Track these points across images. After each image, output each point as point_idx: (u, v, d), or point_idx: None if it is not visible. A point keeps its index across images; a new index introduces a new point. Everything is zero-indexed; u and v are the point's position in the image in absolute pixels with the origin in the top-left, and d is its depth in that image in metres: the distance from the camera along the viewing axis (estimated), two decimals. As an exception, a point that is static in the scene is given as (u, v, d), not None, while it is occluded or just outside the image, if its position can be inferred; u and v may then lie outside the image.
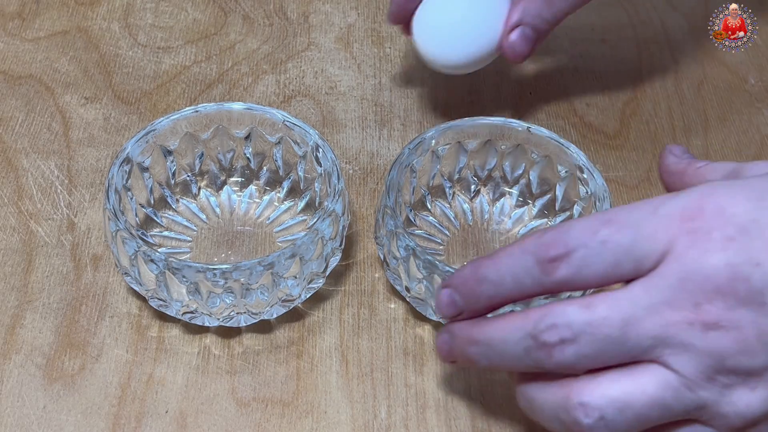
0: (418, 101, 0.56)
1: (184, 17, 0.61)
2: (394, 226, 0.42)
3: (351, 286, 0.46)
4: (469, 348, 0.36)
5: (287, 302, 0.43)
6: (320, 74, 0.58)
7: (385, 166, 0.52)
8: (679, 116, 0.56)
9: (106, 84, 0.56)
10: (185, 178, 0.49)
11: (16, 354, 0.42)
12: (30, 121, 0.54)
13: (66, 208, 0.49)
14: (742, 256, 0.31)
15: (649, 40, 0.61)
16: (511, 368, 0.36)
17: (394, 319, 0.45)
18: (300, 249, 0.41)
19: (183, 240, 0.47)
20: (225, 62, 0.58)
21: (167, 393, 0.41)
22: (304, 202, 0.48)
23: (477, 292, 0.35)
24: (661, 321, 0.32)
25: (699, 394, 0.32)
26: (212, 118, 0.47)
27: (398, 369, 0.43)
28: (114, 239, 0.41)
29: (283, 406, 0.41)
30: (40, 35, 0.59)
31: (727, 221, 0.32)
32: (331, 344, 0.44)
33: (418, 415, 0.41)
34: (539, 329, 0.33)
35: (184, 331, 0.44)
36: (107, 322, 0.44)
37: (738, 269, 0.31)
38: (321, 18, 0.62)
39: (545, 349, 0.33)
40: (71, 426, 0.40)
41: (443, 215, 0.49)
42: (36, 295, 0.45)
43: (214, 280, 0.40)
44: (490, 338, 0.35)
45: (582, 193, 0.45)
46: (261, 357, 0.43)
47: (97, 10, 0.61)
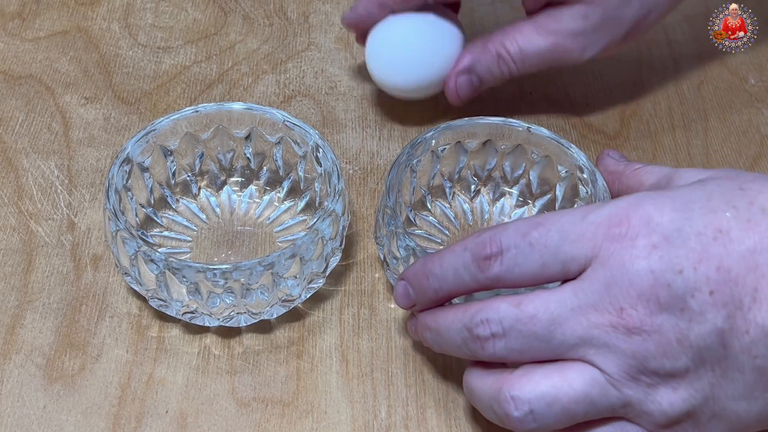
0: (418, 101, 0.56)
1: (184, 17, 0.61)
2: (394, 226, 0.42)
3: (351, 286, 0.46)
4: (424, 333, 0.39)
5: (287, 302, 0.43)
6: (320, 74, 0.58)
7: (385, 166, 0.52)
8: (679, 116, 0.56)
9: (106, 84, 0.56)
10: (185, 178, 0.49)
11: (16, 354, 0.42)
12: (30, 121, 0.54)
13: (66, 208, 0.49)
14: (664, 264, 0.32)
15: (649, 40, 0.61)
16: (456, 355, 0.38)
17: (394, 319, 0.45)
18: (300, 249, 0.41)
19: (183, 240, 0.47)
20: (225, 62, 0.58)
21: (167, 393, 0.41)
22: (304, 202, 0.48)
23: (425, 286, 0.38)
24: (586, 323, 0.33)
25: (624, 392, 0.34)
26: (212, 118, 0.47)
27: (398, 369, 0.43)
28: (114, 239, 0.41)
29: (283, 406, 0.41)
30: (40, 35, 0.59)
31: (652, 230, 0.33)
32: (331, 344, 0.44)
33: (418, 415, 0.41)
34: (474, 323, 0.36)
35: (184, 331, 0.44)
36: (107, 322, 0.44)
37: (660, 276, 0.32)
38: (321, 18, 0.62)
39: (478, 341, 0.35)
40: (71, 426, 0.40)
41: (443, 215, 0.49)
42: (36, 295, 0.45)
43: (214, 280, 0.40)
44: (438, 326, 0.38)
45: (582, 193, 0.45)
46: (261, 357, 0.43)
47: (97, 10, 0.61)
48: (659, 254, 0.33)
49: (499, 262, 0.35)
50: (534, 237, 0.35)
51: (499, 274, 0.35)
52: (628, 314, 0.33)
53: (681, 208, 0.33)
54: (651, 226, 0.33)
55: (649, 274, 0.33)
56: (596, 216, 0.34)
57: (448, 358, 0.43)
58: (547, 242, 0.34)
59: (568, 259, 0.34)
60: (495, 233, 0.36)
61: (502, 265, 0.35)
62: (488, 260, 0.35)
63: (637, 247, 0.33)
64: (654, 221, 0.33)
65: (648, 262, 0.33)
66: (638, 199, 0.34)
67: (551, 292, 0.35)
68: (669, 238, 0.33)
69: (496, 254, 0.35)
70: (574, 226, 0.34)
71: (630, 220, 0.34)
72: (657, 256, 0.33)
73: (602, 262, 0.33)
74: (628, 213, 0.34)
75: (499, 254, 0.35)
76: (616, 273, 0.33)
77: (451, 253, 0.37)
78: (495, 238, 0.35)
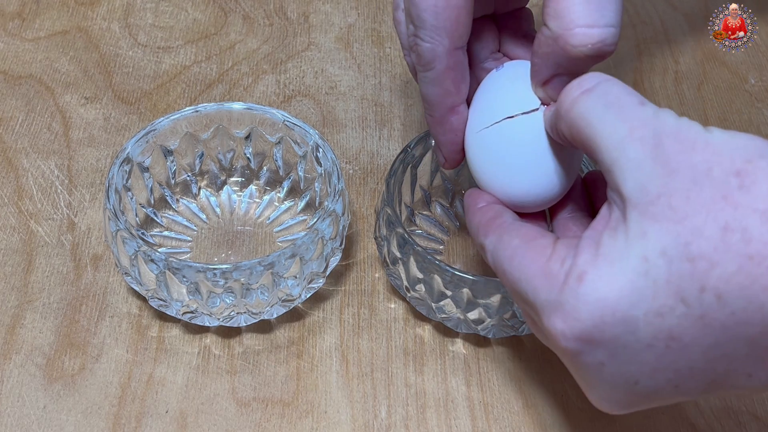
0: (418, 101, 0.56)
1: (184, 17, 0.61)
2: (394, 226, 0.42)
3: (351, 286, 0.46)
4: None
5: (287, 302, 0.43)
6: (320, 74, 0.58)
7: (385, 166, 0.52)
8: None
9: (106, 84, 0.56)
10: (185, 178, 0.49)
11: (16, 354, 0.42)
12: (30, 121, 0.54)
13: (66, 208, 0.49)
14: (618, 378, 0.30)
15: (649, 40, 0.61)
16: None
17: (394, 319, 0.45)
18: (300, 249, 0.41)
19: (183, 240, 0.47)
20: (225, 62, 0.58)
21: (167, 393, 0.41)
22: (304, 202, 0.48)
23: None
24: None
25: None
26: (212, 118, 0.47)
27: (398, 369, 0.43)
28: (114, 239, 0.41)
29: (283, 406, 0.41)
30: (40, 35, 0.59)
31: (597, 345, 0.30)
32: (331, 344, 0.44)
33: (418, 415, 0.41)
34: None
35: (184, 331, 0.44)
36: (107, 322, 0.44)
37: (619, 387, 0.31)
38: (321, 18, 0.62)
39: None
40: (71, 426, 0.40)
41: (443, 215, 0.49)
42: (36, 295, 0.45)
43: (214, 280, 0.40)
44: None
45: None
46: (261, 357, 0.43)
47: (97, 10, 0.61)
48: (609, 371, 0.30)
49: None
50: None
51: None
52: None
53: (623, 320, 0.29)
54: (595, 343, 0.30)
55: (607, 389, 0.31)
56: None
57: (448, 359, 0.43)
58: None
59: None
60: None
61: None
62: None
63: (587, 364, 0.30)
64: (595, 340, 0.29)
65: (599, 378, 0.30)
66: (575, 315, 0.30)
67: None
68: (615, 354, 0.30)
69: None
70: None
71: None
72: (608, 372, 0.30)
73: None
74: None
75: None
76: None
77: None
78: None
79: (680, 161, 0.29)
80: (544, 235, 0.33)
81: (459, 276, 0.40)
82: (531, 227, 0.34)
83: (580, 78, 0.33)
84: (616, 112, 0.30)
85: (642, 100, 0.31)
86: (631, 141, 0.29)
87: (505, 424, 0.41)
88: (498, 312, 0.41)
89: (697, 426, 0.41)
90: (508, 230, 0.34)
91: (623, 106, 0.30)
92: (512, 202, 0.37)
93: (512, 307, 0.41)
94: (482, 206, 0.37)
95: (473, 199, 0.38)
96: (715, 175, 0.28)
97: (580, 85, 0.32)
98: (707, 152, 0.29)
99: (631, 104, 0.30)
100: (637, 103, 0.30)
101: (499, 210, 0.37)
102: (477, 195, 0.38)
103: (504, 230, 0.35)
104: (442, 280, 0.40)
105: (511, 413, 0.41)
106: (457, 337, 0.44)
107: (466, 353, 0.44)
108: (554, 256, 0.31)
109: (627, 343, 0.29)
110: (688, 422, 0.42)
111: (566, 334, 0.30)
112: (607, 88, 0.31)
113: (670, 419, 0.42)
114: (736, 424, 0.42)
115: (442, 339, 0.44)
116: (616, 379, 0.30)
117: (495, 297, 0.40)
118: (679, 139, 0.29)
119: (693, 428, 0.41)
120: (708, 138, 0.29)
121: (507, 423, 0.41)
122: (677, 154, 0.29)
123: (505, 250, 0.34)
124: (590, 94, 0.32)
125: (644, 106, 0.30)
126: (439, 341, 0.44)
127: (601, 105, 0.31)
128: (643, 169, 0.29)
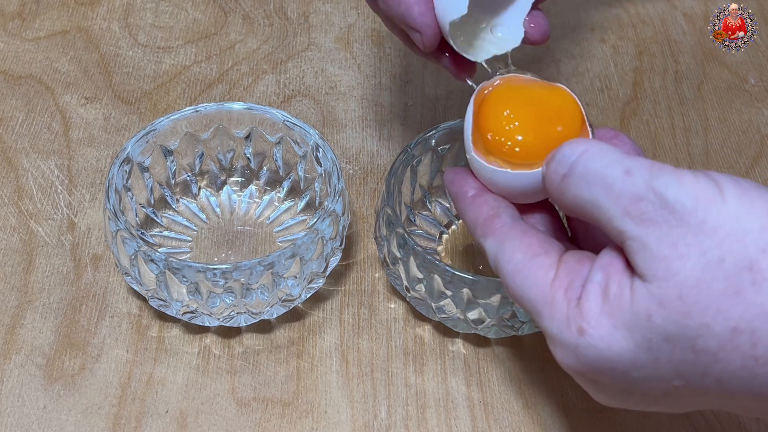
0: (418, 101, 0.56)
1: (184, 17, 0.61)
2: (394, 226, 0.42)
3: (351, 286, 0.46)
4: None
5: (287, 302, 0.43)
6: (320, 74, 0.58)
7: (385, 166, 0.52)
8: (679, 116, 0.56)
9: (106, 84, 0.56)
10: (185, 178, 0.49)
11: (16, 354, 0.42)
12: (30, 121, 0.54)
13: (66, 208, 0.49)
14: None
15: (649, 40, 0.61)
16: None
17: (394, 319, 0.45)
18: (300, 249, 0.41)
19: (183, 240, 0.47)
20: (225, 62, 0.58)
21: (167, 393, 0.41)
22: (304, 202, 0.48)
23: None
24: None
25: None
26: (212, 118, 0.47)
27: (398, 369, 0.43)
28: (114, 239, 0.41)
29: (283, 406, 0.41)
30: (40, 35, 0.59)
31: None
32: (331, 344, 0.44)
33: (418, 415, 0.41)
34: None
35: (184, 331, 0.44)
36: (107, 322, 0.44)
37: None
38: (321, 18, 0.62)
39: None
40: (71, 426, 0.40)
41: (443, 215, 0.49)
42: (36, 295, 0.45)
43: (214, 280, 0.40)
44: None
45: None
46: (261, 357, 0.43)
47: (97, 10, 0.61)
48: (607, 388, 0.30)
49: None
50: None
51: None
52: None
53: (622, 374, 0.29)
54: (593, 379, 0.30)
55: (604, 398, 0.31)
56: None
57: (448, 359, 0.43)
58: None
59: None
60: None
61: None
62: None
63: (585, 382, 0.31)
64: (593, 378, 0.30)
65: (597, 389, 0.31)
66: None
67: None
68: (612, 385, 0.30)
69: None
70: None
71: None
72: (606, 386, 0.30)
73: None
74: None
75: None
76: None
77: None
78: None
79: (689, 245, 0.27)
80: (547, 250, 0.32)
81: (459, 276, 0.40)
82: (532, 236, 0.33)
83: (555, 160, 0.31)
84: (604, 193, 0.29)
85: (627, 167, 0.29)
86: (631, 220, 0.28)
87: (505, 424, 0.41)
88: (498, 312, 0.41)
89: (697, 426, 0.41)
90: (510, 237, 0.33)
91: (609, 184, 0.29)
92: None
93: (512, 307, 0.41)
94: (473, 195, 0.36)
95: (459, 185, 0.37)
96: (728, 266, 0.27)
97: (557, 171, 0.31)
98: (718, 236, 0.27)
99: (615, 178, 0.29)
100: (621, 174, 0.29)
101: (495, 206, 0.35)
102: (462, 180, 0.37)
103: (505, 236, 0.33)
104: (442, 280, 0.40)
105: (511, 413, 0.41)
106: (457, 337, 0.44)
107: (466, 353, 0.44)
108: (557, 282, 0.31)
109: (624, 386, 0.30)
110: (688, 422, 0.42)
111: (565, 363, 0.30)
112: (582, 168, 0.30)
113: (670, 419, 0.42)
114: (736, 424, 0.42)
115: (442, 339, 0.44)
116: (614, 389, 0.30)
117: (495, 297, 0.40)
118: (684, 220, 0.27)
119: (693, 428, 0.41)
120: (720, 211, 0.27)
121: (507, 423, 0.41)
122: (685, 237, 0.27)
123: (507, 263, 0.32)
124: (570, 179, 0.30)
125: (631, 176, 0.28)
126: (439, 341, 0.44)
127: (585, 189, 0.29)
128: (649, 250, 0.28)
